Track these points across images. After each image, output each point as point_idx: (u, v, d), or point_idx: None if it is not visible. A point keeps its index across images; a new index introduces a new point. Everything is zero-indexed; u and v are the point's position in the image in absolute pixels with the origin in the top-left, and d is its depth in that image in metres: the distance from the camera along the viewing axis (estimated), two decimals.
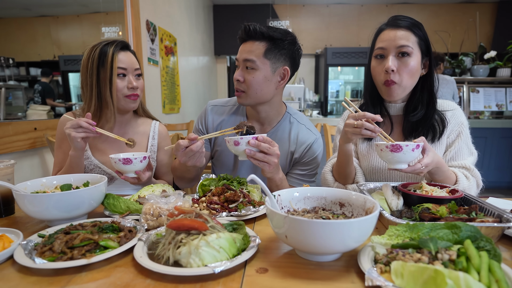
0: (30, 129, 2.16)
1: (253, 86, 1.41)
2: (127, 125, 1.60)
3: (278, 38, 1.39)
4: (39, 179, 1.14)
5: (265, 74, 1.40)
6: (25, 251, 0.77)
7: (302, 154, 1.55)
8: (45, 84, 3.19)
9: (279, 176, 1.33)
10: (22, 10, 2.90)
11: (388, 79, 1.30)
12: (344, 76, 7.73)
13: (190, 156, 1.22)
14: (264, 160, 1.19)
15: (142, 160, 1.27)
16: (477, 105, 5.17)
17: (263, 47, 1.38)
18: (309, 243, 0.70)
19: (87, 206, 1.01)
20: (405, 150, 1.06)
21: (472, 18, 6.50)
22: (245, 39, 1.42)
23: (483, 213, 0.95)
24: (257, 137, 1.17)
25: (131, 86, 1.44)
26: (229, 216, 1.04)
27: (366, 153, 1.48)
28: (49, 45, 3.21)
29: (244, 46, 1.42)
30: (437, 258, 0.63)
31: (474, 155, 1.40)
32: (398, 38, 1.28)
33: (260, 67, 1.39)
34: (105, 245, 0.80)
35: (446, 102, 1.46)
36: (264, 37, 1.38)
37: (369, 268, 0.66)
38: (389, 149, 1.07)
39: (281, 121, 1.57)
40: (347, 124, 1.19)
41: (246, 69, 1.41)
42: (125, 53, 1.45)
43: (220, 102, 1.66)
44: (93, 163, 1.49)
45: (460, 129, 1.40)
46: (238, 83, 1.44)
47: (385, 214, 0.92)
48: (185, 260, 0.70)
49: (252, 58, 1.38)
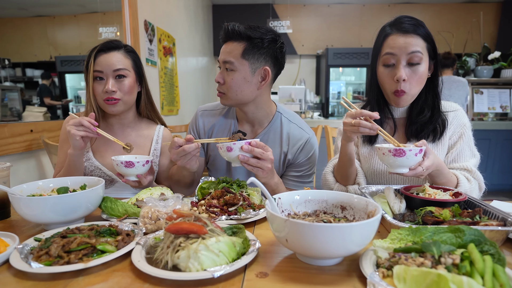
0: (26, 131, 2.16)
1: (232, 87, 1.40)
2: (129, 127, 1.61)
3: (257, 37, 1.37)
4: (35, 182, 1.14)
5: (244, 75, 1.39)
6: (21, 255, 0.77)
7: (296, 155, 1.54)
8: (42, 85, 3.21)
9: (274, 181, 1.33)
10: (18, 10, 2.91)
11: (399, 89, 1.30)
12: (345, 77, 7.74)
13: (181, 156, 1.22)
14: (258, 165, 1.20)
15: (144, 164, 1.27)
16: (481, 106, 5.17)
17: (241, 47, 1.37)
18: (310, 247, 0.71)
19: (84, 210, 1.01)
20: (408, 154, 1.06)
21: (476, 18, 6.50)
22: (225, 40, 1.42)
23: (487, 217, 0.96)
24: (250, 142, 1.17)
25: (105, 89, 1.42)
26: (228, 220, 1.04)
27: (368, 156, 1.48)
28: (46, 45, 3.22)
29: (224, 47, 1.42)
30: (440, 262, 0.63)
31: (477, 157, 1.40)
32: (408, 45, 1.27)
33: (239, 68, 1.38)
34: (102, 249, 0.80)
35: (448, 103, 1.46)
36: (242, 37, 1.37)
37: (371, 273, 0.66)
38: (392, 153, 1.07)
39: (272, 121, 1.56)
40: (345, 122, 1.20)
41: (226, 70, 1.41)
42: (107, 55, 1.44)
43: (209, 107, 1.67)
44: (93, 164, 1.50)
45: (463, 131, 1.40)
46: (219, 84, 1.44)
47: (387, 218, 0.92)
48: (184, 264, 0.70)
49: (230, 60, 1.38)
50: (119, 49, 1.48)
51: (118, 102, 1.45)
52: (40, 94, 3.16)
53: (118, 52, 1.46)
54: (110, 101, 1.44)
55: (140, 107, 1.64)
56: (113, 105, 1.45)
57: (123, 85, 1.46)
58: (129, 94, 1.49)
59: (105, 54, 1.44)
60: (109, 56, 1.44)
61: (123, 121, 1.58)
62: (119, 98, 1.45)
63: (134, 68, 1.51)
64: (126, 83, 1.46)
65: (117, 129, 1.58)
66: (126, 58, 1.48)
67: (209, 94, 7.05)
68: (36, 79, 3.17)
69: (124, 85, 1.46)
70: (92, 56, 1.43)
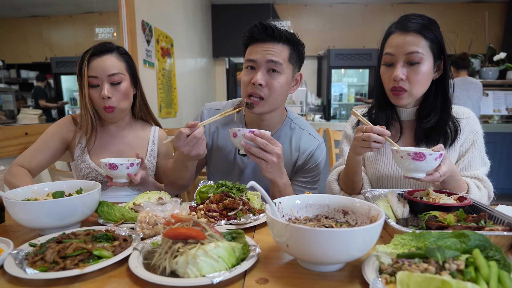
0: (21, 134, 2.16)
1: (276, 91, 1.36)
2: (125, 129, 1.63)
3: (297, 42, 1.37)
4: (30, 186, 1.14)
5: (287, 80, 1.38)
6: (15, 260, 0.77)
7: (305, 161, 1.54)
8: (37, 87, 3.22)
9: (282, 180, 1.32)
10: (12, 10, 2.91)
11: (396, 86, 1.30)
12: (347, 79, 7.76)
13: (193, 144, 1.23)
14: (260, 156, 1.20)
15: (128, 167, 1.28)
16: (486, 108, 5.18)
17: (287, 50, 1.35)
18: (311, 252, 0.71)
19: (80, 214, 1.01)
20: (428, 159, 1.05)
21: (481, 18, 6.53)
22: (264, 39, 1.34)
23: (492, 221, 0.96)
24: (253, 131, 1.19)
25: (101, 95, 1.43)
26: (228, 225, 1.04)
27: (374, 160, 1.48)
28: (41, 46, 3.23)
29: (264, 46, 1.34)
30: (444, 268, 0.63)
31: (487, 165, 1.40)
32: (407, 44, 1.26)
33: (285, 71, 1.36)
34: (99, 254, 0.80)
35: (461, 109, 1.46)
36: (288, 40, 1.35)
37: (374, 279, 0.66)
38: (411, 156, 1.05)
39: (282, 127, 1.55)
40: (356, 138, 1.20)
41: (269, 72, 1.35)
42: (100, 59, 1.44)
43: (217, 106, 1.63)
44: (90, 166, 1.52)
45: (475, 138, 1.40)
46: (259, 87, 1.34)
47: (390, 223, 0.92)
48: (182, 270, 0.70)
49: (279, 60, 1.33)
50: (112, 52, 1.48)
51: (114, 110, 1.47)
52: (35, 96, 3.17)
53: (111, 56, 1.46)
54: (108, 109, 1.45)
55: (135, 109, 1.65)
56: (111, 113, 1.47)
57: (119, 90, 1.46)
58: (125, 99, 1.50)
59: (98, 58, 1.44)
60: (102, 60, 1.44)
61: (119, 124, 1.60)
62: (115, 106, 1.46)
63: (128, 71, 1.51)
64: (122, 87, 1.47)
65: (114, 132, 1.60)
66: (120, 61, 1.48)
67: (208, 96, 7.06)
68: (31, 80, 3.18)
69: (119, 90, 1.46)
70: (86, 60, 1.43)
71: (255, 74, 1.35)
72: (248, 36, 1.37)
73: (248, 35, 1.37)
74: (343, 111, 7.83)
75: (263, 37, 1.34)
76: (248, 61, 1.38)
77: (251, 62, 1.37)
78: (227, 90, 8.12)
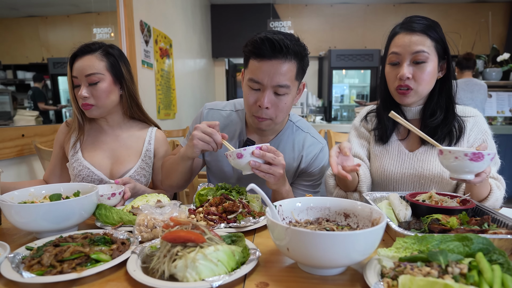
0: (17, 136, 2.17)
1: (283, 111, 1.34)
2: (119, 128, 1.65)
3: (304, 54, 1.30)
4: (27, 188, 1.14)
5: (293, 96, 1.35)
6: (12, 264, 0.77)
7: (309, 164, 1.53)
8: (36, 89, 3.22)
9: (285, 188, 1.31)
10: (9, 10, 2.92)
11: (402, 84, 1.32)
12: (349, 80, 7.77)
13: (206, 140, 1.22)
14: (270, 171, 1.17)
15: (110, 197, 1.25)
16: (490, 110, 5.18)
17: (294, 67, 1.27)
18: (312, 256, 0.71)
19: (77, 217, 1.01)
20: (486, 159, 1.01)
21: (484, 19, 6.54)
22: (270, 56, 1.23)
23: (496, 225, 0.96)
24: (261, 146, 1.15)
25: (78, 95, 1.47)
26: (227, 228, 1.04)
27: (380, 154, 1.49)
28: (38, 47, 3.24)
29: (270, 65, 1.24)
30: (447, 272, 0.63)
31: (498, 164, 1.41)
32: (413, 44, 1.29)
33: (292, 89, 1.31)
34: (96, 258, 0.80)
35: (467, 109, 1.48)
36: (295, 55, 1.26)
37: (376, 283, 0.66)
38: (468, 157, 1.01)
39: (284, 130, 1.54)
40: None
41: (275, 94, 1.29)
42: (81, 60, 1.47)
43: (217, 106, 1.61)
44: (82, 164, 1.53)
45: (485, 137, 1.42)
46: (265, 110, 1.30)
47: (392, 226, 0.92)
48: (181, 274, 0.70)
49: (287, 84, 1.27)
50: (94, 52, 1.49)
51: (92, 107, 1.49)
52: (33, 98, 3.18)
53: (92, 56, 1.48)
54: (85, 106, 1.49)
55: (124, 109, 1.64)
56: (89, 110, 1.50)
57: (96, 90, 1.48)
58: (104, 99, 1.50)
59: (79, 59, 1.48)
60: (82, 61, 1.47)
61: (110, 123, 1.63)
62: (93, 104, 1.48)
63: (110, 70, 1.51)
64: (100, 87, 1.48)
65: (106, 129, 1.63)
66: (100, 61, 1.49)
67: (208, 97, 7.07)
68: (28, 81, 3.19)
69: (97, 90, 1.48)
70: (68, 61, 1.49)
71: (262, 96, 1.28)
72: (252, 50, 1.26)
73: (252, 49, 1.26)
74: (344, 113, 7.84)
75: (270, 54, 1.23)
76: (253, 82, 1.29)
77: (256, 83, 1.28)
78: (226, 91, 8.13)
